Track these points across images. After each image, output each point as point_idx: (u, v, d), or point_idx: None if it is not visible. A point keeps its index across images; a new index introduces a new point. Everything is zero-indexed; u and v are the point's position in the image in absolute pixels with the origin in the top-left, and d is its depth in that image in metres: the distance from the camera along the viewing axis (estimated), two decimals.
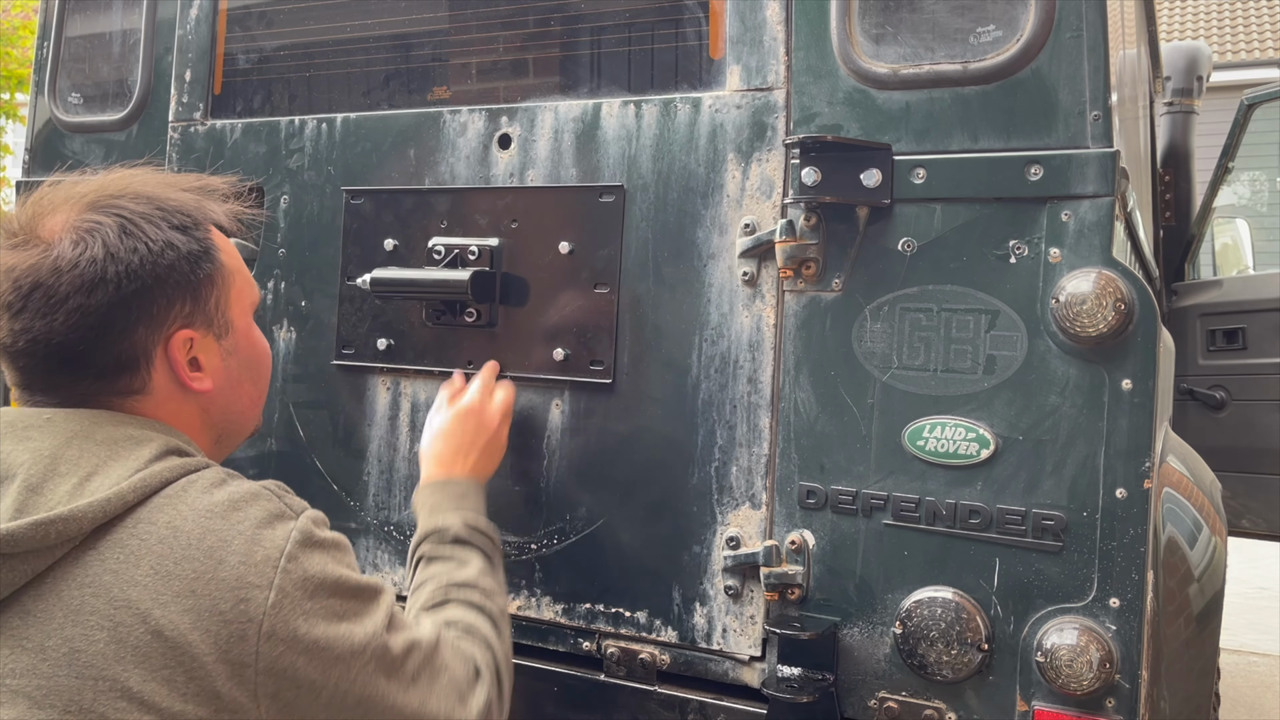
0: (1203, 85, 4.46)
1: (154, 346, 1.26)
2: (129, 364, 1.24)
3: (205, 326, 1.31)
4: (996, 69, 1.70)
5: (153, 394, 1.27)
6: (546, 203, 2.02)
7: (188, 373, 1.29)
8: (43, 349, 1.19)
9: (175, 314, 1.26)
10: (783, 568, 1.80)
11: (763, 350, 1.84)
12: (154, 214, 1.25)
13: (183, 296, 1.27)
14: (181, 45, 2.43)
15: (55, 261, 1.17)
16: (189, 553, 1.10)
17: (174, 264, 1.25)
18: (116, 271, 1.19)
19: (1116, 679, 1.59)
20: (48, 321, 1.17)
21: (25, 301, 1.17)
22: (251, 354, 1.41)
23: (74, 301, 1.17)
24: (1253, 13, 15.83)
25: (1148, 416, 1.60)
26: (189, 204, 1.30)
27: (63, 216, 1.21)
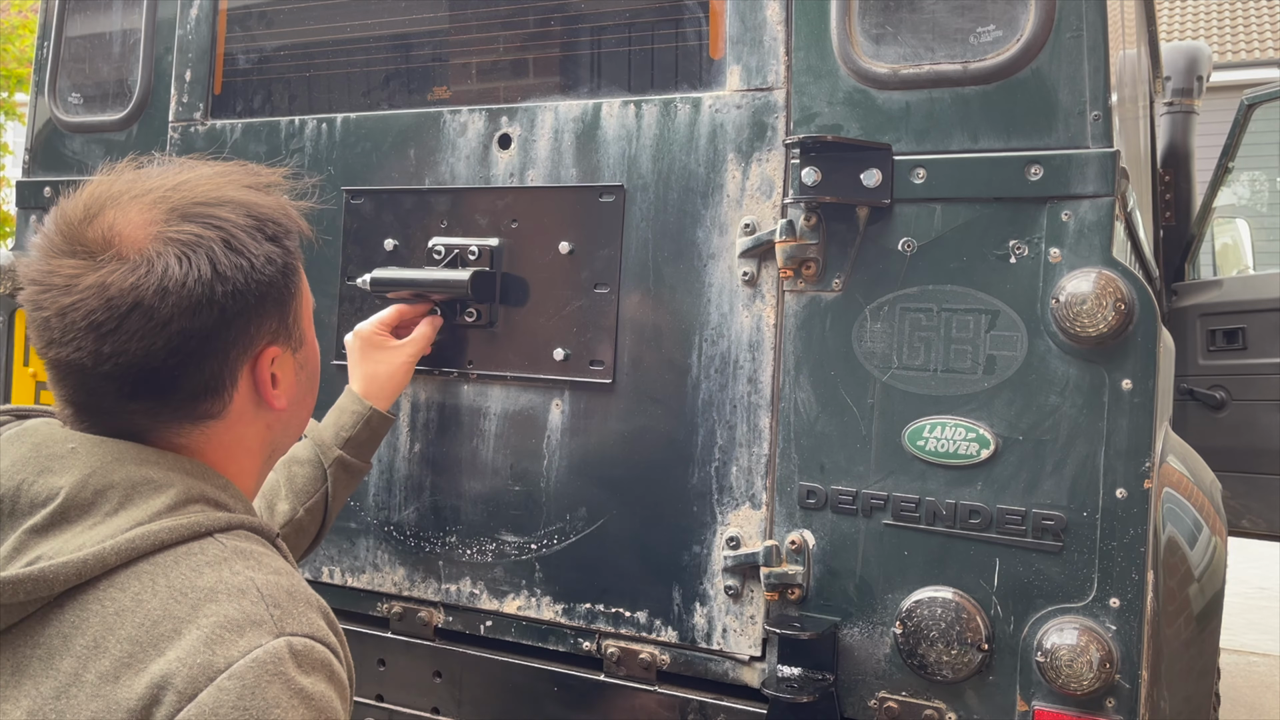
0: (1203, 85, 4.46)
1: (242, 366, 1.15)
2: (215, 387, 1.13)
3: (286, 341, 1.20)
4: (996, 69, 1.70)
5: (226, 418, 1.16)
6: (546, 203, 2.02)
7: (270, 391, 1.19)
8: (132, 373, 1.07)
9: (266, 331, 1.16)
10: (783, 568, 1.80)
11: (763, 350, 1.84)
12: (251, 225, 1.13)
13: (275, 312, 1.16)
14: (181, 45, 2.43)
15: (162, 281, 1.04)
16: (135, 634, 0.94)
17: (273, 280, 1.14)
18: (224, 292, 1.08)
19: (1116, 679, 1.59)
20: (145, 345, 1.05)
21: (120, 323, 1.04)
22: (315, 365, 1.30)
23: (177, 325, 1.06)
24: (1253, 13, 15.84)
25: (1148, 416, 1.60)
26: (277, 211, 1.18)
27: (145, 225, 1.08)
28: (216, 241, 1.08)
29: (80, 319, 1.04)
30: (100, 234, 1.06)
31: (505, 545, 2.04)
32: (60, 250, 1.07)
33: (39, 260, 1.08)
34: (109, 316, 1.04)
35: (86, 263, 1.05)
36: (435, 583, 2.10)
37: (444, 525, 2.10)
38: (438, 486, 2.11)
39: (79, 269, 1.05)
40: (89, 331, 1.04)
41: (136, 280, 1.04)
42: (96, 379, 1.07)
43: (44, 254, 1.08)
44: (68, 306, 1.04)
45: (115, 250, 1.05)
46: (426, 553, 2.11)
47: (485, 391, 2.07)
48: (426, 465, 2.12)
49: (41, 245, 1.09)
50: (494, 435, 2.06)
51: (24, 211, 2.66)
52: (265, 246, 1.13)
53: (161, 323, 1.05)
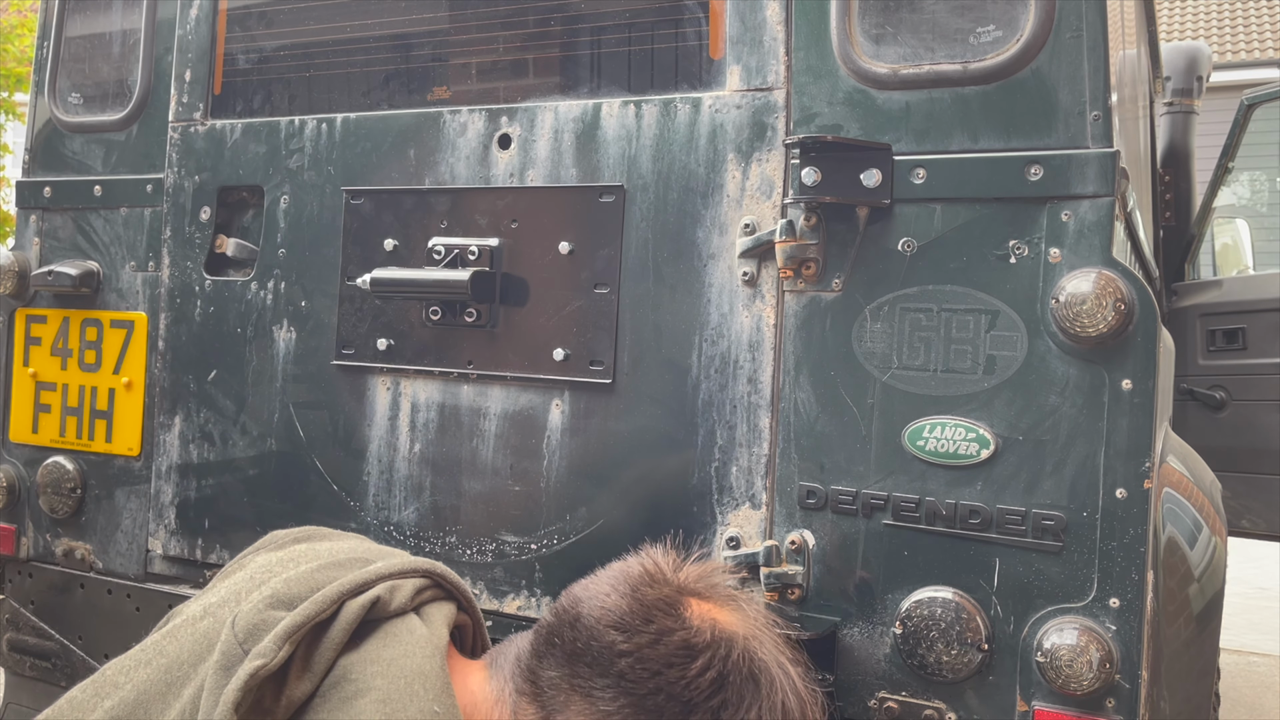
0: (1203, 85, 4.46)
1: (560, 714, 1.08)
2: (544, 695, 1.08)
3: None
4: (996, 69, 1.70)
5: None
6: (546, 203, 2.02)
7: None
8: (569, 649, 1.07)
9: None
10: (783, 568, 1.80)
11: (763, 350, 1.84)
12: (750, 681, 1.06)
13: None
14: (181, 45, 2.43)
15: (675, 639, 1.04)
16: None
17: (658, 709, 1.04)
18: (627, 664, 1.05)
19: (1116, 679, 1.59)
20: (607, 667, 1.05)
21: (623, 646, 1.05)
22: None
23: (626, 664, 1.04)
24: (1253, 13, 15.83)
25: (1148, 416, 1.60)
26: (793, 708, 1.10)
27: (717, 607, 1.09)
28: (740, 646, 1.08)
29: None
30: (705, 604, 1.10)
31: (505, 545, 2.04)
32: None
33: None
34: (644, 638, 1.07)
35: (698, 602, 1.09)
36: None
37: (444, 525, 2.10)
38: (438, 486, 2.11)
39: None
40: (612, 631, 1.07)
41: (683, 637, 1.06)
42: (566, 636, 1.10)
43: None
44: None
45: (691, 620, 1.07)
46: (426, 553, 2.11)
47: (485, 392, 2.07)
48: (426, 465, 2.12)
49: None
50: (494, 435, 2.06)
51: (24, 211, 2.66)
52: (725, 715, 1.04)
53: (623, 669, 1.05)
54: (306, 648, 1.02)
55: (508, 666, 1.13)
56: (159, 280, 2.44)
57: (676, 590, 1.08)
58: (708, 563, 1.14)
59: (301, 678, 1.00)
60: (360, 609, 1.06)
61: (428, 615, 1.14)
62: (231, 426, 2.32)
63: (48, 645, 2.53)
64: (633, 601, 1.06)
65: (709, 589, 1.11)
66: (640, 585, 1.08)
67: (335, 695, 1.00)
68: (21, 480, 2.61)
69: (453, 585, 1.21)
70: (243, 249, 2.37)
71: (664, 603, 1.06)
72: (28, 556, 2.59)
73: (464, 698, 1.08)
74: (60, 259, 2.57)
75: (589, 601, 1.09)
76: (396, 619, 1.09)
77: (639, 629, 1.04)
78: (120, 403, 2.49)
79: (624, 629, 1.04)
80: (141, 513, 2.45)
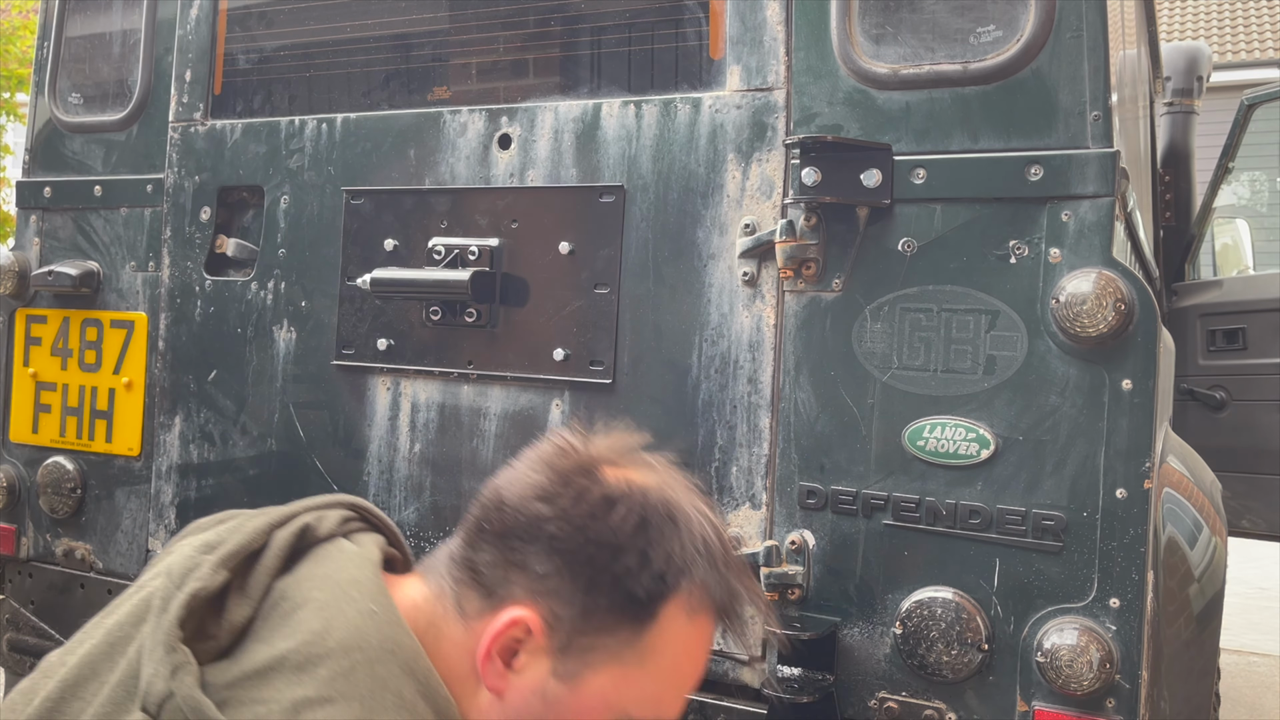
0: (1203, 85, 4.46)
1: (507, 600, 1.09)
2: (490, 585, 1.10)
3: (553, 644, 1.07)
4: (997, 69, 1.70)
5: (470, 634, 1.10)
6: (546, 203, 2.02)
7: (488, 656, 1.08)
8: (492, 526, 1.12)
9: (549, 596, 1.07)
10: (783, 568, 1.80)
11: (763, 350, 1.84)
12: (670, 521, 1.11)
13: (573, 598, 1.07)
14: (181, 45, 2.42)
15: (594, 495, 1.09)
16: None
17: (605, 565, 1.07)
18: (558, 527, 1.09)
19: (1117, 679, 1.59)
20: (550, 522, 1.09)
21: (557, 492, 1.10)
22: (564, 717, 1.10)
23: (554, 528, 1.08)
24: (1253, 13, 15.83)
25: (1148, 417, 1.60)
26: (719, 565, 1.12)
27: (630, 468, 1.15)
28: (653, 493, 1.12)
29: None
30: (604, 467, 1.14)
31: None
32: None
33: None
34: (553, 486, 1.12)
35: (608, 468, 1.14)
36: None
37: (444, 525, 2.10)
38: (438, 486, 2.11)
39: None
40: (537, 500, 1.12)
41: (584, 486, 1.12)
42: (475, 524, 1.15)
43: None
44: None
45: (602, 479, 1.12)
46: (426, 553, 2.11)
47: (485, 392, 2.07)
48: (426, 465, 2.12)
49: None
50: (494, 435, 2.06)
51: (24, 211, 2.66)
52: (653, 550, 1.08)
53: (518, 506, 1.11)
54: (241, 576, 1.07)
55: (442, 566, 1.18)
56: (159, 280, 2.44)
57: (589, 458, 1.15)
58: (614, 434, 1.21)
59: (240, 602, 1.05)
60: (290, 536, 1.12)
61: (358, 539, 1.20)
62: (231, 426, 2.32)
63: (48, 645, 2.53)
64: (550, 473, 1.13)
65: (619, 454, 1.19)
66: (555, 459, 1.15)
67: (274, 614, 1.05)
68: (22, 480, 2.61)
69: (378, 518, 1.27)
70: (243, 249, 2.37)
71: (579, 468, 1.13)
72: (28, 556, 2.59)
73: (403, 604, 1.11)
74: (60, 259, 2.57)
75: (509, 485, 1.15)
76: (326, 542, 1.15)
77: (560, 494, 1.11)
78: (120, 403, 2.49)
79: (546, 497, 1.11)
80: (141, 513, 2.45)
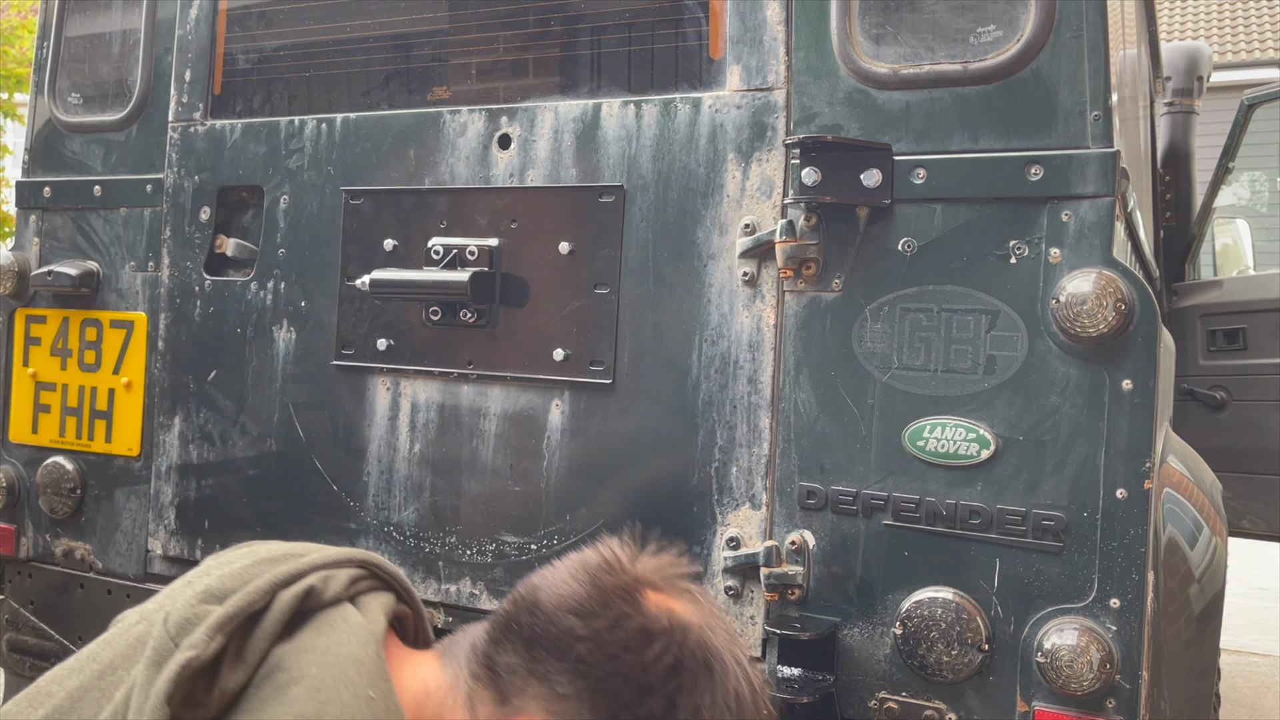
0: (1203, 85, 4.46)
1: (527, 703, 1.05)
2: (507, 691, 1.06)
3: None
4: (997, 69, 1.70)
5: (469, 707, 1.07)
6: (546, 203, 2.02)
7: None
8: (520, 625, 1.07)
9: (567, 715, 1.03)
10: (783, 568, 1.80)
11: (763, 350, 1.84)
12: (730, 681, 1.06)
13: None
14: (181, 45, 2.42)
15: (633, 624, 1.05)
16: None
17: (622, 685, 1.03)
18: (584, 649, 1.04)
19: (1117, 679, 1.59)
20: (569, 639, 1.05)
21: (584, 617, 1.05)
22: None
23: (584, 648, 1.03)
24: (1253, 13, 15.83)
25: (1148, 417, 1.60)
26: (741, 698, 1.08)
27: (673, 598, 1.10)
28: (694, 631, 1.07)
29: None
30: (651, 592, 1.10)
31: (505, 545, 2.04)
32: None
33: None
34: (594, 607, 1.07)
35: None
36: (435, 583, 2.10)
37: (444, 525, 2.10)
38: (438, 487, 2.10)
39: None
40: (569, 615, 1.07)
41: (629, 615, 1.07)
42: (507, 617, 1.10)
43: None
44: None
45: (643, 604, 1.07)
46: (426, 553, 2.11)
47: (485, 392, 2.07)
48: (426, 465, 2.11)
49: None
50: (494, 435, 2.06)
51: (24, 212, 2.66)
52: (683, 698, 1.04)
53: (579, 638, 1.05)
54: (239, 639, 1.02)
55: (462, 655, 1.12)
56: (159, 280, 2.43)
57: (634, 579, 1.09)
58: (664, 555, 1.15)
59: (234, 669, 0.99)
60: (294, 599, 1.06)
61: (364, 604, 1.13)
62: (231, 427, 2.32)
63: (48, 645, 2.53)
64: (591, 588, 1.07)
65: (665, 580, 1.12)
66: (599, 573, 1.09)
67: (268, 685, 0.99)
68: (21, 480, 2.61)
69: (390, 575, 1.20)
70: (243, 249, 2.37)
71: (622, 590, 1.07)
72: (28, 556, 2.59)
73: (415, 685, 1.08)
74: (60, 259, 2.57)
75: (547, 588, 1.09)
76: (331, 608, 1.09)
77: (597, 614, 1.05)
78: (120, 403, 2.49)
79: (582, 614, 1.05)
80: (141, 513, 2.45)
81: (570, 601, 1.06)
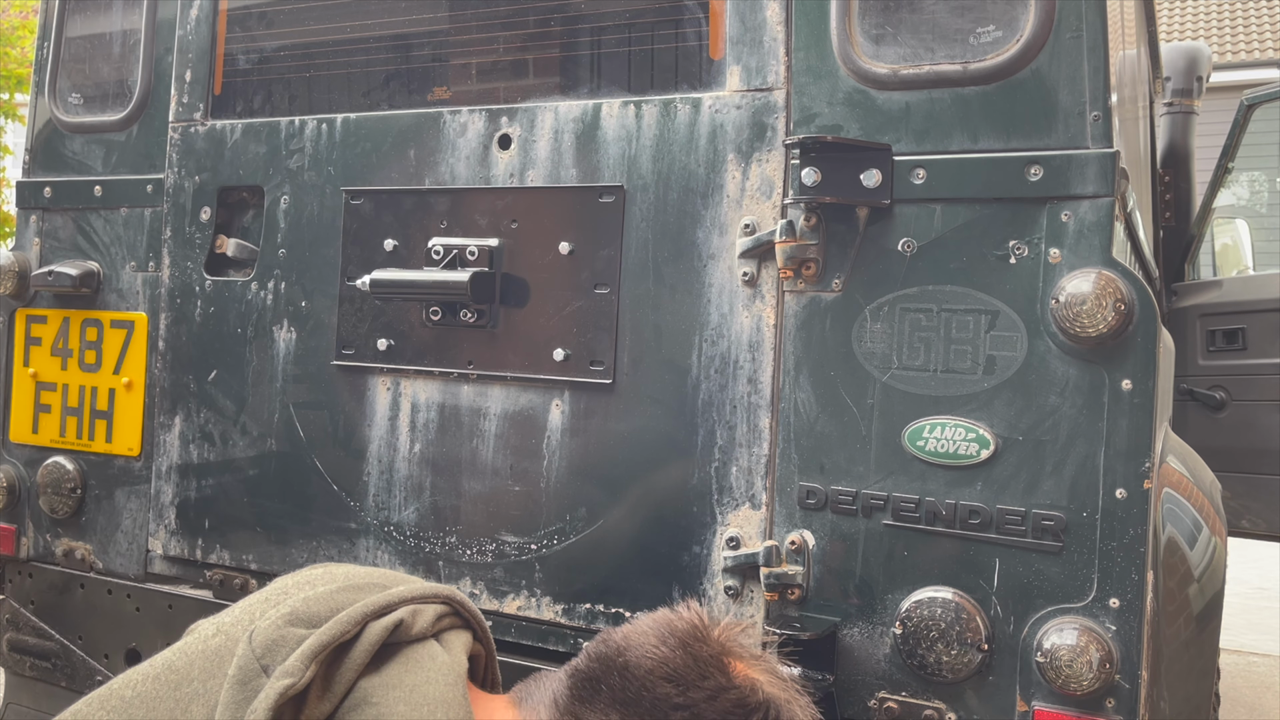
0: (1203, 85, 4.46)
1: None
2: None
3: None
4: (996, 69, 1.70)
5: None
6: (546, 203, 2.02)
7: None
8: (599, 689, 1.08)
9: None
10: (783, 568, 1.80)
11: (763, 350, 1.84)
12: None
13: None
14: (181, 45, 2.43)
15: (730, 698, 1.06)
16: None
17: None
18: None
19: (1116, 679, 1.59)
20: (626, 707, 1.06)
21: (642, 690, 1.06)
22: None
23: (680, 717, 1.05)
24: (1253, 13, 15.83)
25: (1147, 417, 1.60)
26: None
27: (755, 668, 1.11)
28: (777, 709, 1.07)
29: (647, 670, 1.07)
30: (725, 652, 1.10)
31: (505, 545, 2.04)
32: None
33: None
34: (657, 675, 1.07)
35: (676, 648, 1.09)
36: (435, 583, 2.10)
37: (444, 525, 2.10)
38: (438, 487, 2.11)
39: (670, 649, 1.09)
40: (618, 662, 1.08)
41: (715, 682, 1.06)
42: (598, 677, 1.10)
43: None
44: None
45: (721, 661, 1.08)
46: (426, 553, 2.11)
47: (485, 392, 2.07)
48: (426, 465, 2.12)
49: None
50: (494, 435, 2.06)
51: (24, 212, 2.66)
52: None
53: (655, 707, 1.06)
54: (327, 668, 1.02)
55: (543, 707, 1.12)
56: (159, 280, 2.44)
57: (723, 649, 1.10)
58: (734, 621, 1.16)
59: (322, 698, 1.00)
60: (383, 631, 1.06)
61: (447, 642, 1.13)
62: (231, 427, 2.33)
63: (48, 645, 2.53)
64: (685, 656, 1.08)
65: (745, 650, 1.14)
66: (689, 640, 1.09)
67: (354, 717, 0.99)
68: (21, 480, 2.61)
69: (470, 614, 1.21)
70: (243, 249, 2.37)
71: (716, 660, 1.08)
72: (28, 556, 2.59)
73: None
74: (60, 259, 2.57)
75: (637, 650, 1.09)
76: (418, 644, 1.09)
77: (694, 684, 1.06)
78: (120, 403, 2.49)
79: (678, 682, 1.06)
80: (141, 513, 2.45)
81: (665, 667, 1.06)
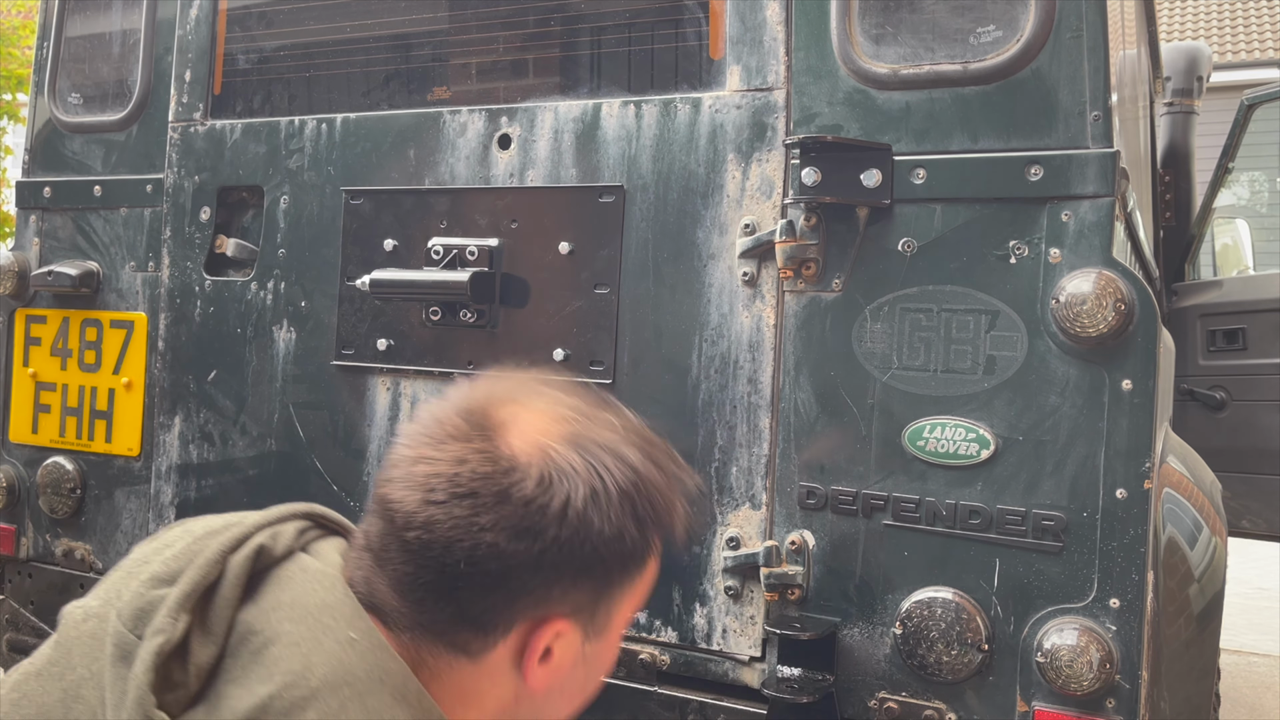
0: (1203, 85, 4.46)
1: (523, 619, 1.03)
2: (485, 625, 1.02)
3: (583, 624, 1.06)
4: (996, 69, 1.70)
5: (476, 663, 1.04)
6: (546, 203, 2.02)
7: (534, 663, 1.04)
8: (425, 560, 1.00)
9: (568, 601, 1.04)
10: (783, 568, 1.80)
11: (763, 351, 1.84)
12: (628, 491, 1.03)
13: (588, 589, 1.05)
14: (181, 45, 2.42)
15: (510, 489, 0.99)
16: None
17: (607, 558, 1.03)
18: (555, 536, 0.99)
19: (1117, 679, 1.59)
20: (453, 535, 0.98)
21: (449, 501, 0.98)
22: (599, 667, 1.13)
23: (493, 536, 0.98)
24: (1253, 13, 15.83)
25: (1148, 417, 1.60)
26: (661, 494, 1.08)
27: (536, 435, 1.03)
28: (583, 485, 1.01)
29: (422, 475, 1.00)
30: (495, 430, 1.02)
31: None
32: (455, 424, 1.03)
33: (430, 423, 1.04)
34: (447, 492, 0.99)
35: (457, 442, 1.01)
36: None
37: None
38: None
39: (458, 436, 1.02)
40: (415, 489, 1.00)
41: (490, 473, 0.99)
42: (397, 545, 1.01)
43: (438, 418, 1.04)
44: (423, 458, 1.01)
45: (494, 444, 1.01)
46: None
47: None
48: None
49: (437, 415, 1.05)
50: None
51: (24, 212, 2.66)
52: (625, 522, 1.03)
53: (484, 527, 0.98)
54: (202, 614, 0.99)
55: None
56: (159, 280, 2.44)
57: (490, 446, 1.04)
58: (478, 383, 1.11)
59: (205, 643, 0.97)
60: (246, 561, 1.03)
61: (317, 551, 1.10)
62: (231, 427, 2.32)
63: None
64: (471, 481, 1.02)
65: (506, 413, 1.06)
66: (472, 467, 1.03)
67: (244, 651, 0.97)
68: (21, 480, 2.61)
69: (333, 521, 1.17)
70: (243, 249, 2.37)
71: (498, 473, 1.02)
72: (28, 556, 2.59)
73: None
74: (60, 259, 2.57)
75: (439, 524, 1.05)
76: (286, 562, 1.06)
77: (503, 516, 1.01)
78: (120, 403, 2.49)
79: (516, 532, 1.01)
80: (141, 513, 2.45)
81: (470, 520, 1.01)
